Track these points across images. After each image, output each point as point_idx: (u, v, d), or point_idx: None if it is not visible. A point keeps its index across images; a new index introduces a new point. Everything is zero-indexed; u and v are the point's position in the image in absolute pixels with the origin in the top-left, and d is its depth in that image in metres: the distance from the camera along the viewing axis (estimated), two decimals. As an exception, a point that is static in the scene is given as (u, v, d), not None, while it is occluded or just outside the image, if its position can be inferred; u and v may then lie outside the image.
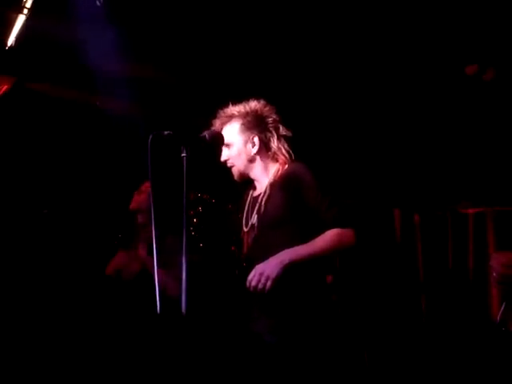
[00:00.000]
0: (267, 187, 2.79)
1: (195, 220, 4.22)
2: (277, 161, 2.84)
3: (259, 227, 2.76)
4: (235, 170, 2.86)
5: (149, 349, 3.30)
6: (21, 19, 3.81)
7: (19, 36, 3.96)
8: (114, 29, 3.84)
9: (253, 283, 2.54)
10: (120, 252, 3.81)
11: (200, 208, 4.18)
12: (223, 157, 2.86)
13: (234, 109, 2.85)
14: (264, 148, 2.83)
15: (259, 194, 2.82)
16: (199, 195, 4.18)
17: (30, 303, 4.40)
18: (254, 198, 2.85)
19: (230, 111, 2.85)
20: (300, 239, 2.62)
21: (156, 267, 2.26)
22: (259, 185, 2.87)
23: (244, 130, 2.82)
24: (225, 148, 2.84)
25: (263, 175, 2.84)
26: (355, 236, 2.64)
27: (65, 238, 4.69)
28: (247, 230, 2.82)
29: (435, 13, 3.80)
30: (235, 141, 2.82)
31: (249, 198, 2.90)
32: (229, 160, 2.85)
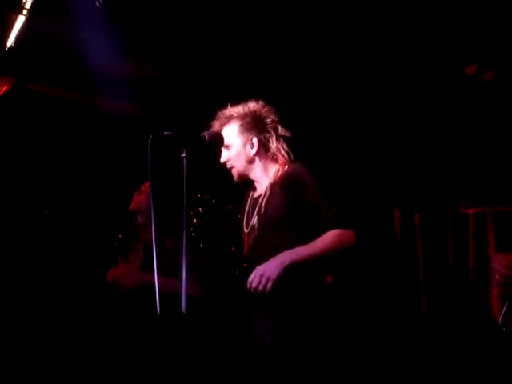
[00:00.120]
0: (267, 188, 2.78)
1: (195, 220, 4.22)
2: (276, 161, 2.84)
3: (259, 228, 2.76)
4: (235, 172, 2.86)
5: (149, 350, 3.30)
6: (20, 20, 3.81)
7: (19, 37, 3.96)
8: (114, 29, 3.83)
9: (253, 284, 2.54)
10: (121, 263, 3.78)
11: (200, 209, 4.18)
12: (223, 158, 2.86)
13: (233, 110, 2.85)
14: (263, 149, 2.82)
15: (259, 195, 2.82)
16: (199, 196, 4.18)
17: (31, 304, 4.40)
18: (255, 199, 2.85)
19: (229, 112, 2.85)
20: (300, 240, 2.62)
21: (156, 268, 2.26)
22: (259, 186, 2.86)
23: (242, 132, 2.81)
24: (224, 149, 2.84)
25: (263, 176, 2.84)
26: (355, 237, 2.63)
27: (65, 239, 4.68)
28: (248, 231, 2.81)
29: (435, 13, 3.80)
30: (234, 142, 2.81)
31: (249, 199, 2.89)
32: (228, 161, 2.85)
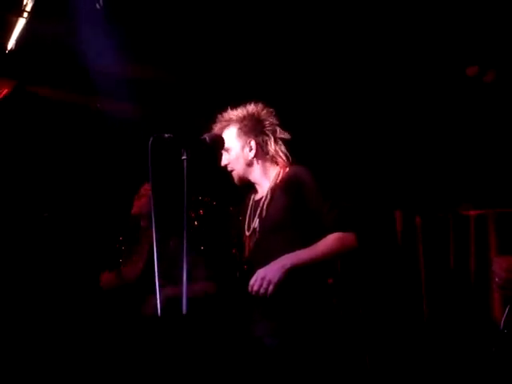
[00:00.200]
0: (268, 191, 2.78)
1: (196, 223, 4.22)
2: (276, 164, 2.84)
3: (261, 231, 2.76)
4: (235, 175, 2.86)
5: (150, 352, 3.29)
6: (21, 22, 3.81)
7: (19, 39, 3.96)
8: (114, 31, 3.83)
9: (255, 288, 2.54)
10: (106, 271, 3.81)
11: (201, 211, 4.18)
12: (223, 161, 2.87)
13: (232, 113, 2.85)
14: (262, 151, 2.82)
15: (261, 198, 2.82)
16: (200, 198, 4.18)
17: (31, 306, 4.40)
18: (256, 202, 2.85)
19: (228, 116, 2.85)
20: (302, 243, 2.62)
21: (157, 270, 2.26)
22: (260, 188, 2.86)
23: (241, 135, 2.82)
24: (224, 153, 2.84)
25: (263, 179, 2.84)
26: (357, 239, 2.63)
27: (65, 241, 4.68)
28: (249, 234, 2.81)
29: (436, 14, 3.80)
30: (233, 145, 2.82)
31: (250, 202, 2.89)
32: (228, 164, 2.85)
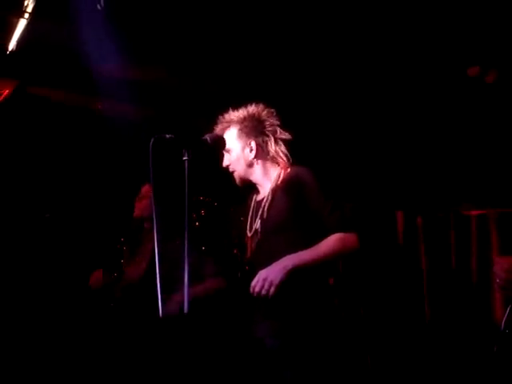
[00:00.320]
0: (269, 192, 2.78)
1: (198, 223, 4.22)
2: (277, 164, 2.84)
3: (262, 232, 2.76)
4: (236, 175, 2.87)
5: (151, 353, 3.29)
6: (22, 23, 3.81)
7: (20, 40, 3.97)
8: (115, 32, 3.83)
9: (256, 289, 2.54)
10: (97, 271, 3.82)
11: (203, 211, 4.18)
12: (225, 162, 2.87)
13: (233, 114, 2.86)
14: (262, 152, 2.83)
15: (262, 199, 2.82)
16: (201, 198, 4.18)
17: (32, 307, 4.40)
18: (258, 203, 2.85)
19: (229, 117, 2.86)
20: (303, 244, 2.62)
21: (158, 271, 2.26)
22: (262, 189, 2.86)
23: (241, 136, 2.82)
24: (226, 153, 2.85)
25: (264, 179, 2.84)
26: (359, 240, 2.63)
27: (67, 242, 4.68)
28: (251, 235, 2.82)
29: (437, 14, 3.79)
30: (234, 146, 2.82)
31: (252, 203, 2.89)
32: (230, 165, 2.85)
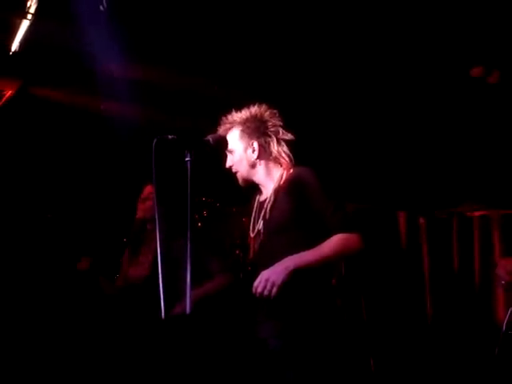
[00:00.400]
0: (272, 193, 2.78)
1: (200, 224, 4.22)
2: (280, 165, 2.83)
3: (265, 233, 2.75)
4: (239, 176, 2.86)
5: (153, 354, 3.29)
6: (25, 24, 3.82)
7: (23, 41, 3.97)
8: (118, 32, 3.84)
9: (259, 289, 2.53)
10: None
11: (205, 212, 4.18)
12: (228, 163, 2.87)
13: (236, 115, 2.86)
14: (265, 153, 2.82)
15: (265, 200, 2.81)
16: (204, 199, 4.18)
17: (34, 307, 4.40)
18: (261, 204, 2.85)
19: (232, 118, 2.86)
20: (306, 245, 2.61)
21: (160, 271, 2.26)
22: (265, 190, 2.86)
23: (244, 136, 2.82)
24: (229, 154, 2.85)
25: (267, 180, 2.84)
26: (361, 241, 2.62)
27: (68, 243, 4.69)
28: (254, 236, 2.81)
29: (440, 15, 3.79)
30: (236, 147, 2.82)
31: (255, 203, 2.89)
32: (233, 166, 2.85)
